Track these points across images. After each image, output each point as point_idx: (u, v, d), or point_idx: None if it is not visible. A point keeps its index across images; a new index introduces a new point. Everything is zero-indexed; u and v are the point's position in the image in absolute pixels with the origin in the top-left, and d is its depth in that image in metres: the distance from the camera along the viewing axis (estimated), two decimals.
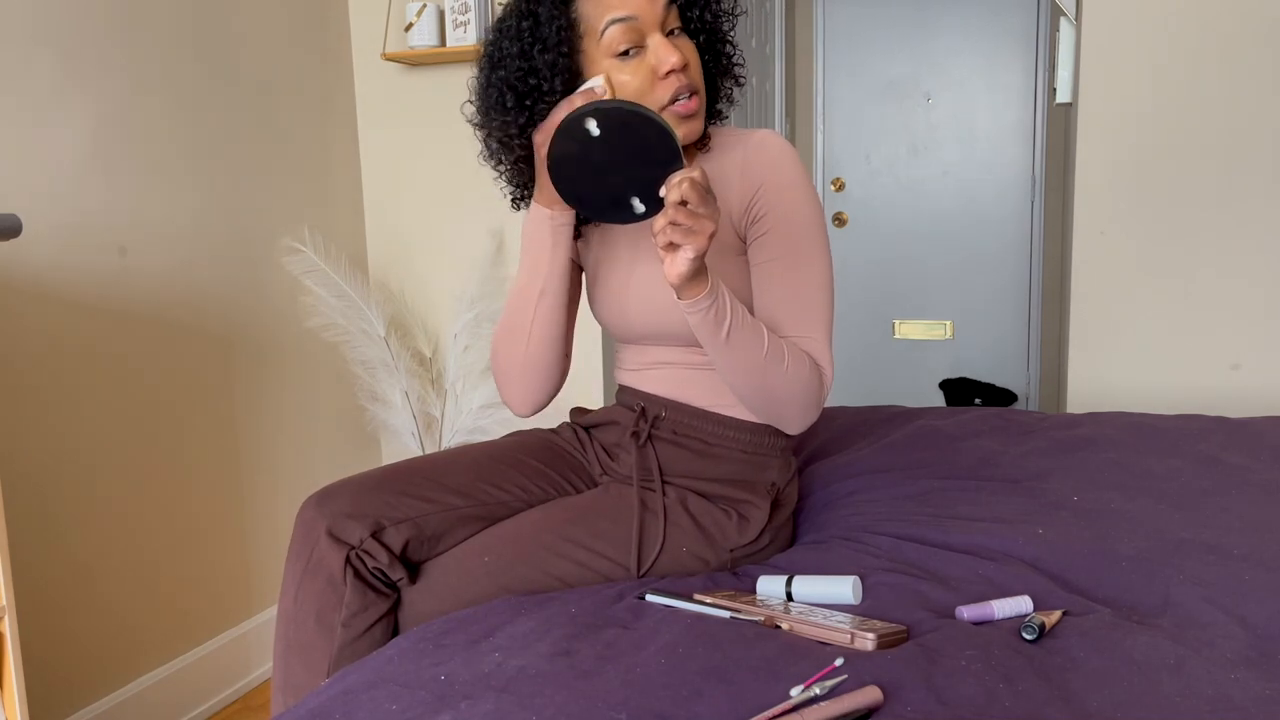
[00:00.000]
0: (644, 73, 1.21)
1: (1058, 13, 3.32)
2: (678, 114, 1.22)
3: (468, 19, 2.42)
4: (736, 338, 1.18)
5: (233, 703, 2.24)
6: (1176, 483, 1.47)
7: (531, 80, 1.21)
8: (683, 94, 1.22)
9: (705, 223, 1.06)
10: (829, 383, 1.28)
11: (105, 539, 1.94)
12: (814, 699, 0.90)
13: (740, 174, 1.27)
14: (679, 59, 1.19)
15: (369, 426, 2.73)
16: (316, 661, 1.19)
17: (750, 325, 1.20)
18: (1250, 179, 2.22)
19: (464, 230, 2.65)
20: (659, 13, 1.21)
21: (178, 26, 2.10)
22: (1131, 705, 0.90)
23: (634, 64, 1.21)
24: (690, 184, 1.03)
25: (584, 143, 1.08)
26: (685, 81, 1.21)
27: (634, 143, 1.06)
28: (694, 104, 1.22)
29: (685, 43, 1.24)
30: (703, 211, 1.05)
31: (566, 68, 1.21)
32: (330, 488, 1.25)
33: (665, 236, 1.06)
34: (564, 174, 1.11)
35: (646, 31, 1.20)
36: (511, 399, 1.38)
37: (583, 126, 1.06)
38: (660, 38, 1.20)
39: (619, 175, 1.09)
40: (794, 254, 1.26)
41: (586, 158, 1.09)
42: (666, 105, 1.21)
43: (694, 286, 1.13)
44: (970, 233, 4.17)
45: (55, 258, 1.84)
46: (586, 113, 1.05)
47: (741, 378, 1.22)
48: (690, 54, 1.24)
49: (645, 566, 1.26)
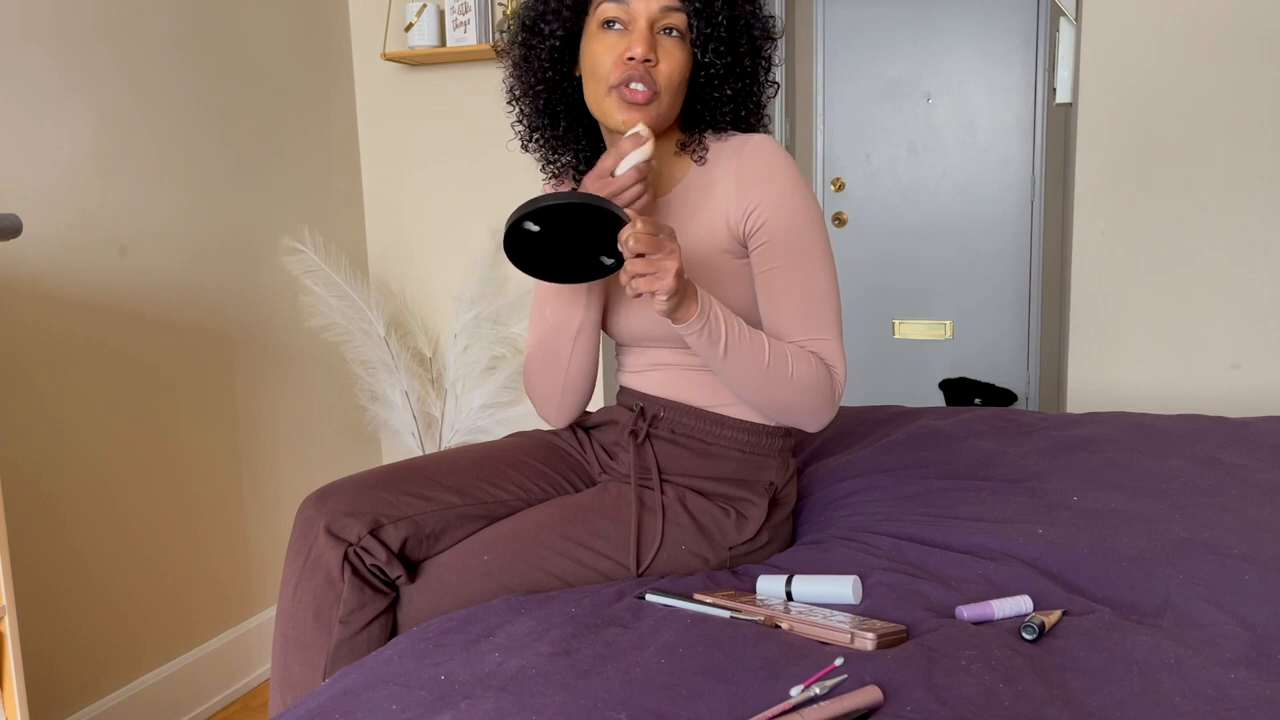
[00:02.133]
0: (614, 50, 1.24)
1: (1058, 13, 3.32)
2: (623, 98, 1.24)
3: (468, 19, 2.42)
4: (735, 351, 1.21)
5: (233, 703, 2.24)
6: (1176, 483, 1.47)
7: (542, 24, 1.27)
8: (635, 81, 1.23)
9: (665, 263, 1.11)
10: (842, 381, 1.30)
11: (105, 539, 1.94)
12: (814, 699, 0.90)
13: (736, 183, 1.28)
14: (642, 52, 1.21)
15: (369, 426, 2.73)
16: (314, 659, 1.19)
17: (748, 337, 1.22)
18: (1250, 179, 2.22)
19: (464, 230, 2.65)
20: (653, 11, 1.23)
21: (178, 26, 2.10)
22: (1131, 705, 0.90)
23: (610, 39, 1.24)
24: (636, 238, 1.09)
25: (532, 238, 1.15)
26: (640, 72, 1.23)
27: (573, 223, 1.12)
28: (641, 96, 1.23)
29: (674, 47, 1.25)
30: (659, 255, 1.11)
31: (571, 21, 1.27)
32: (329, 486, 1.26)
33: (633, 289, 1.12)
34: (528, 267, 1.19)
35: (636, 18, 1.23)
36: (549, 416, 1.44)
37: (523, 229, 1.13)
38: (643, 26, 1.23)
39: (577, 247, 1.16)
40: (796, 259, 1.27)
41: (542, 246, 1.16)
42: (615, 85, 1.24)
43: (683, 311, 1.17)
44: (970, 233, 4.17)
45: (55, 258, 1.84)
46: (521, 217, 1.12)
47: (746, 387, 1.24)
48: (669, 58, 1.24)
49: (644, 565, 1.27)
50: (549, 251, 1.17)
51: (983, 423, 1.79)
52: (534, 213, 1.11)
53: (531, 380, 1.41)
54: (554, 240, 1.15)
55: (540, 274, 1.20)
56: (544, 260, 1.18)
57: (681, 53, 1.25)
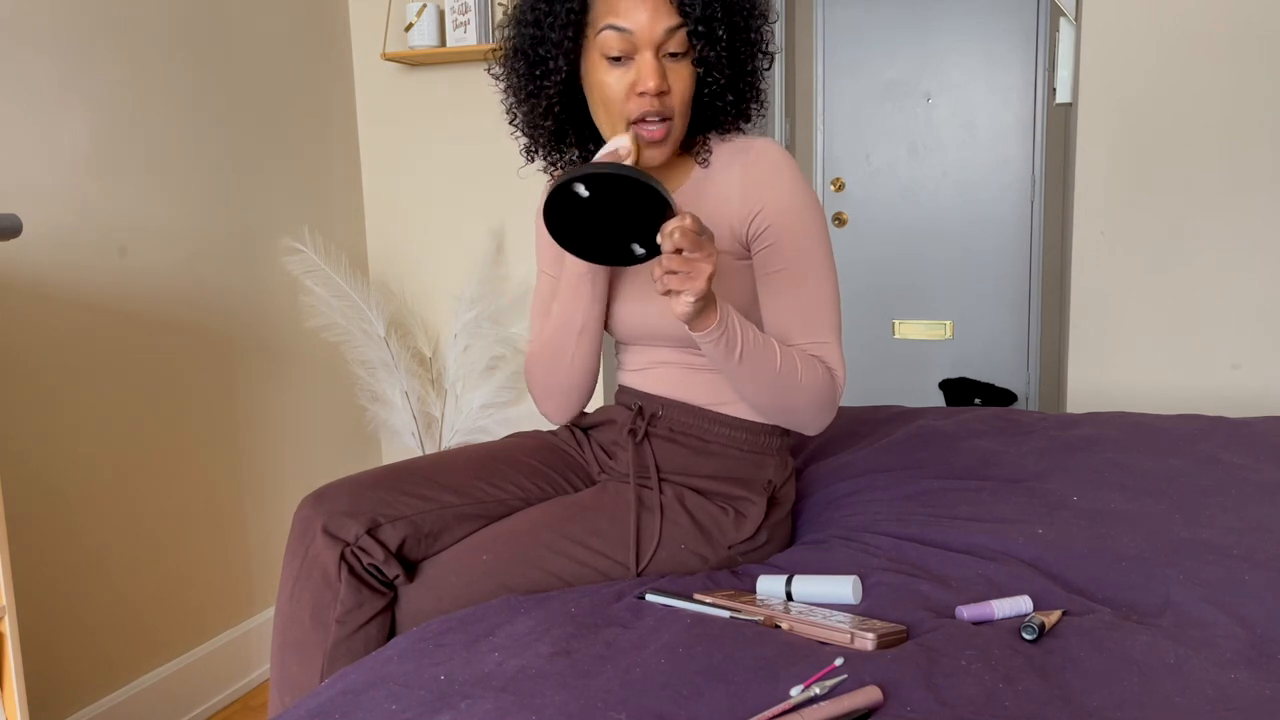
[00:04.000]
0: (624, 83, 1.22)
1: (1058, 13, 3.32)
2: (641, 136, 1.23)
3: (468, 19, 2.42)
4: (749, 358, 1.21)
5: (233, 703, 2.24)
6: (1176, 483, 1.47)
7: (541, 50, 1.25)
8: (651, 117, 1.22)
9: (701, 265, 1.09)
10: (841, 384, 1.31)
11: (105, 539, 1.94)
12: (814, 699, 0.90)
13: (740, 188, 1.28)
14: (655, 85, 1.20)
15: (369, 426, 2.73)
16: (311, 658, 1.19)
17: (762, 344, 1.22)
18: (1250, 178, 2.22)
19: (464, 230, 2.65)
20: (657, 35, 1.21)
21: (177, 26, 2.10)
22: (1131, 705, 0.90)
23: (619, 72, 1.23)
24: (682, 232, 1.06)
25: (575, 204, 1.11)
26: (657, 107, 1.22)
27: (624, 199, 1.09)
28: (659, 133, 1.23)
29: (680, 68, 1.23)
30: (697, 255, 1.08)
31: (571, 50, 1.24)
32: (327, 486, 1.26)
33: (664, 285, 1.10)
34: (560, 232, 1.15)
35: (640, 47, 1.21)
36: (550, 412, 1.45)
37: (571, 190, 1.09)
38: (649, 57, 1.21)
39: (614, 227, 1.13)
40: (799, 263, 1.28)
41: (580, 216, 1.13)
42: (633, 121, 1.23)
43: (703, 319, 1.16)
44: (970, 233, 4.17)
45: (55, 257, 1.84)
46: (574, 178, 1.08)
47: (757, 394, 1.25)
48: (679, 81, 1.23)
49: (643, 563, 1.27)
50: (584, 224, 1.13)
51: (983, 423, 1.79)
52: (589, 176, 1.06)
53: (533, 376, 1.42)
54: (594, 213, 1.11)
55: (567, 244, 1.17)
56: (575, 232, 1.14)
57: (688, 72, 1.25)
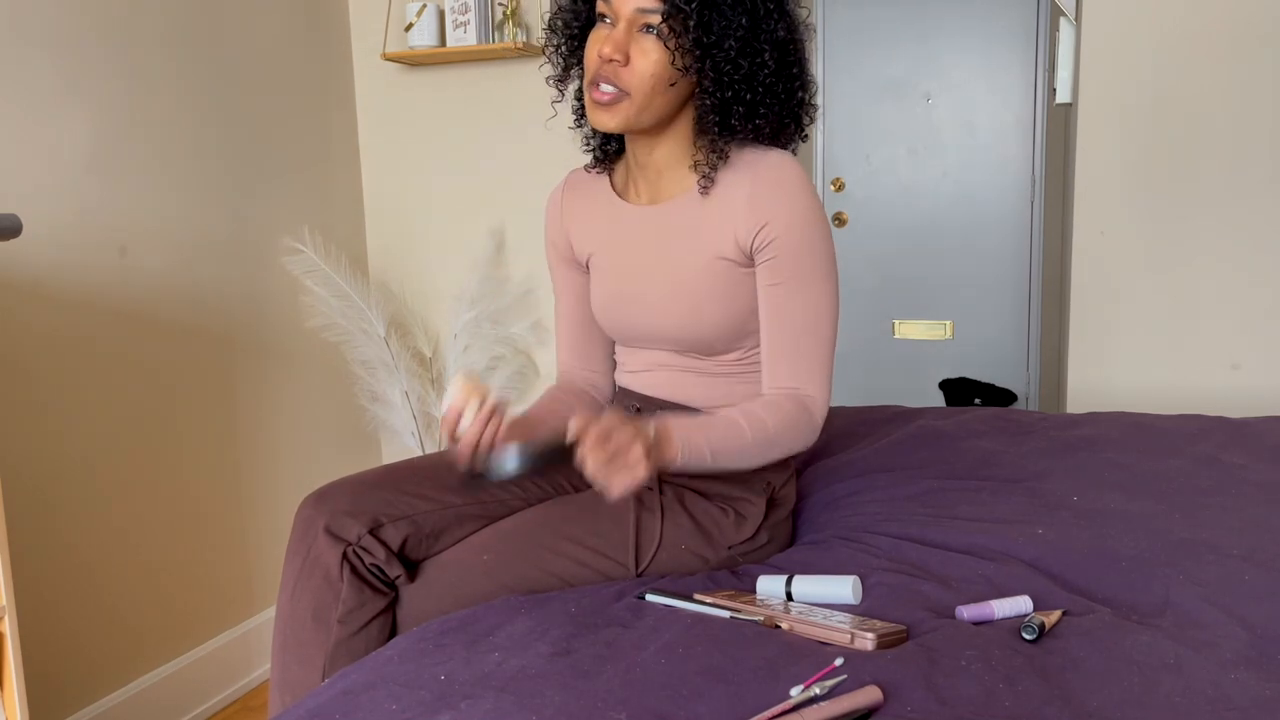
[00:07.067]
0: (595, 44, 1.24)
1: (1058, 13, 3.32)
2: (590, 98, 1.24)
3: (468, 19, 2.42)
4: (720, 453, 1.22)
5: (233, 703, 2.24)
6: (1176, 483, 1.47)
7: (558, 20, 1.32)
8: (603, 81, 1.23)
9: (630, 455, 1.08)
10: (821, 413, 1.30)
11: (105, 539, 1.94)
12: (814, 699, 0.90)
13: (748, 199, 1.26)
14: (610, 50, 1.21)
15: (369, 426, 2.72)
16: (312, 658, 1.19)
17: (724, 431, 1.22)
18: (1250, 178, 2.22)
19: (464, 230, 2.65)
20: (629, 10, 1.21)
21: (177, 26, 2.10)
22: (1131, 705, 0.90)
23: (599, 35, 1.24)
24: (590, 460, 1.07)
25: None
26: (605, 73, 1.22)
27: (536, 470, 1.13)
28: (604, 97, 1.23)
29: (652, 45, 1.21)
30: (619, 463, 1.08)
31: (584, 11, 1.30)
32: (329, 486, 1.26)
33: (611, 491, 1.10)
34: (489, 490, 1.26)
35: (619, 16, 1.22)
36: None
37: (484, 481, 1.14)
38: (622, 27, 1.22)
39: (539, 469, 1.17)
40: (799, 281, 1.27)
41: None
42: (589, 83, 1.25)
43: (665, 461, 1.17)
44: (970, 233, 4.17)
45: (55, 258, 1.84)
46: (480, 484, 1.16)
47: (739, 465, 1.26)
48: (644, 57, 1.21)
49: (644, 564, 1.27)
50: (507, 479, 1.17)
51: (983, 423, 1.79)
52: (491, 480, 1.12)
53: None
54: None
55: None
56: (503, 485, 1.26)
57: (660, 53, 1.21)
